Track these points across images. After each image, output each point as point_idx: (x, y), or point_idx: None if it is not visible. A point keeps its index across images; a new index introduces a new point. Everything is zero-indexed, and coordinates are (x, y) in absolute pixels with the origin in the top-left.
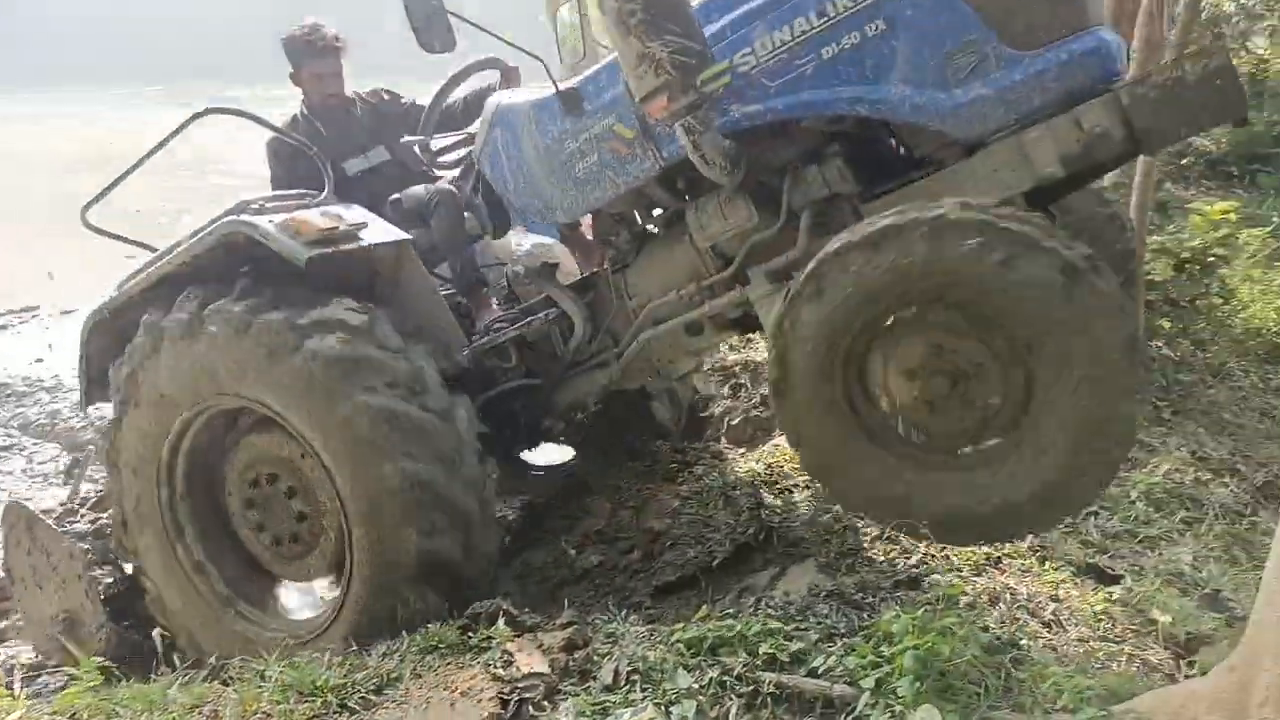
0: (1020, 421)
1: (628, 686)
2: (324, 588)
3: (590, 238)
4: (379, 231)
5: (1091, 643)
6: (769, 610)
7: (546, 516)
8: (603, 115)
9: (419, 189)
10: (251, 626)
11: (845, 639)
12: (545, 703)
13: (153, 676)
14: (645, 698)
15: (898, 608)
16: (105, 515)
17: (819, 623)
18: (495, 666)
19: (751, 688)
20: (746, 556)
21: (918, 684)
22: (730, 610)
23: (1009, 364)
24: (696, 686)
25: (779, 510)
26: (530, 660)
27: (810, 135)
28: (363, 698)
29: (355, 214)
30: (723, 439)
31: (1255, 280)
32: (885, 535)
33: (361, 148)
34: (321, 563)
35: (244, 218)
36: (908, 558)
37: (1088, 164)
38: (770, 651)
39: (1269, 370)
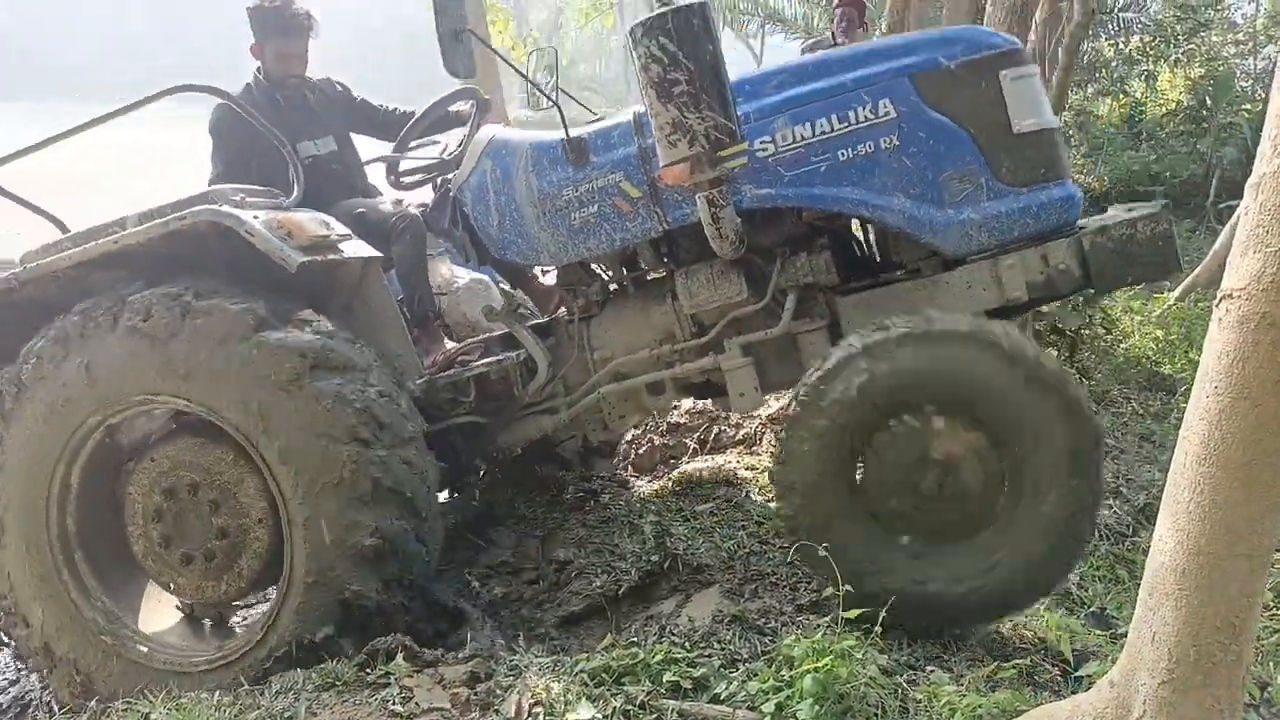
0: (1005, 517)
1: (531, 719)
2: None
3: (547, 283)
4: (355, 246)
5: (984, 661)
6: (673, 638)
7: (451, 548)
8: (610, 170)
9: (385, 206)
10: (159, 655)
11: (747, 664)
12: None
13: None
14: None
15: (798, 632)
16: None
17: (722, 649)
18: (394, 703)
19: (655, 716)
20: (653, 584)
21: (817, 707)
22: (635, 639)
23: (997, 466)
24: (600, 717)
25: (684, 537)
26: (431, 695)
27: (805, 225)
28: None
29: (337, 225)
30: (629, 467)
31: (1135, 312)
32: (788, 561)
33: (313, 133)
34: (238, 582)
35: (227, 209)
36: (809, 583)
37: (1047, 294)
38: (674, 679)
39: (1148, 397)
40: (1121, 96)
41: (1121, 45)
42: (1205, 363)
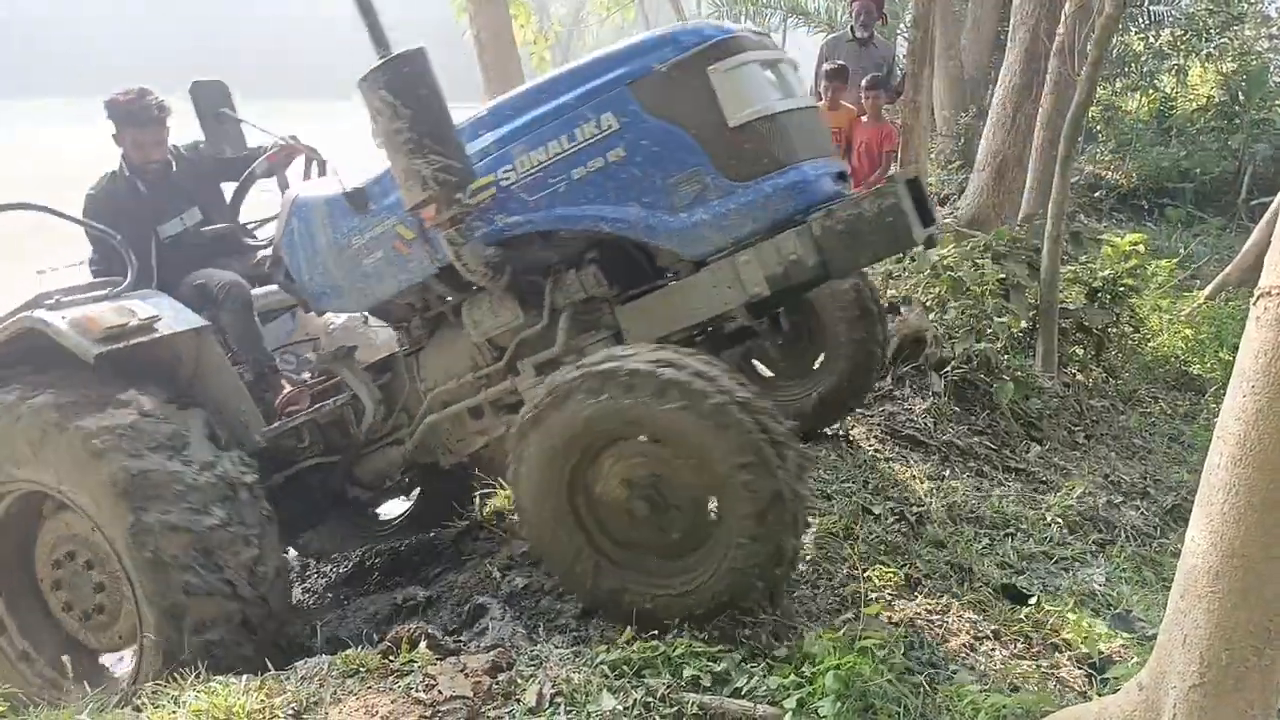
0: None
1: (551, 709)
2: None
3: None
4: (177, 320)
5: (1007, 661)
6: (694, 632)
7: (470, 540)
8: (386, 215)
9: (217, 274)
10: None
11: (768, 660)
12: None
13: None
14: None
15: (819, 629)
16: None
17: (743, 644)
18: (417, 690)
19: (675, 709)
20: None
21: (839, 704)
22: (655, 632)
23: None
24: (620, 708)
25: None
26: (454, 684)
27: (570, 243)
28: None
29: (149, 306)
30: None
31: (1163, 310)
32: (811, 558)
33: (178, 209)
34: (128, 627)
35: (37, 314)
36: (830, 580)
37: (789, 285)
38: (695, 673)
39: (1176, 397)
40: (1151, 91)
41: (1152, 39)
42: (1241, 362)
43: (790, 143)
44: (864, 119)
